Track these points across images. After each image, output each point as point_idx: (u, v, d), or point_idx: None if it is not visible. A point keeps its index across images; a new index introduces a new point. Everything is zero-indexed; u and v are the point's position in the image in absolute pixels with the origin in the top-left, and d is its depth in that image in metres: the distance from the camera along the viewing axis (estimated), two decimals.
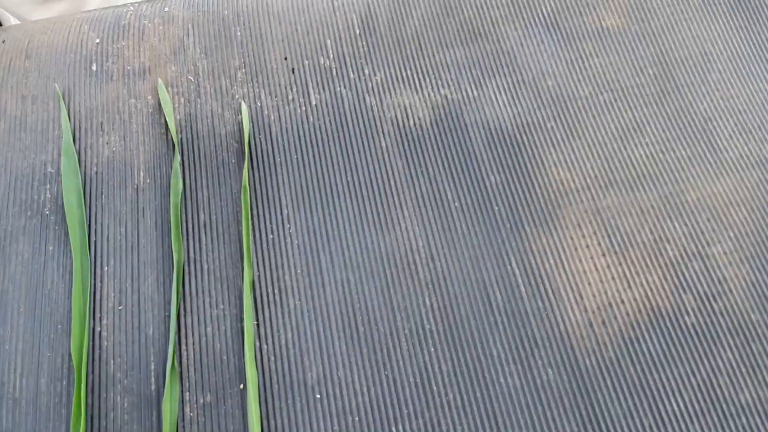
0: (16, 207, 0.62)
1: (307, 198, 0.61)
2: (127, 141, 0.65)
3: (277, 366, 0.54)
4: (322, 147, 0.64)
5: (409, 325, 0.55)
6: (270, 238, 0.59)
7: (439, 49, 0.69)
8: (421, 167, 0.62)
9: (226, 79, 0.68)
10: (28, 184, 0.63)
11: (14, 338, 0.56)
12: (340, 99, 0.67)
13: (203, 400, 0.53)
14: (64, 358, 0.55)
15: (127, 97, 0.68)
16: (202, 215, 0.61)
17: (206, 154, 0.64)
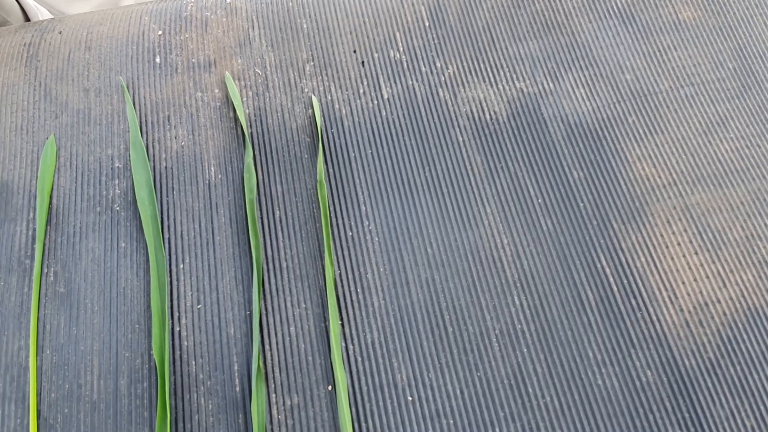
0: (84, 202, 0.60)
1: (385, 194, 0.59)
2: (195, 135, 0.63)
3: (364, 367, 0.52)
4: (397, 141, 0.62)
5: (500, 325, 0.53)
6: (349, 235, 0.57)
7: (511, 41, 0.67)
8: (500, 162, 0.60)
9: (295, 72, 0.66)
10: (96, 179, 0.61)
11: (89, 338, 0.53)
12: (413, 93, 0.65)
13: (290, 402, 0.50)
14: (144, 359, 0.52)
15: (194, 91, 0.65)
16: (277, 211, 0.59)
17: (278, 149, 0.62)
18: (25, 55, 0.68)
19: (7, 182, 0.61)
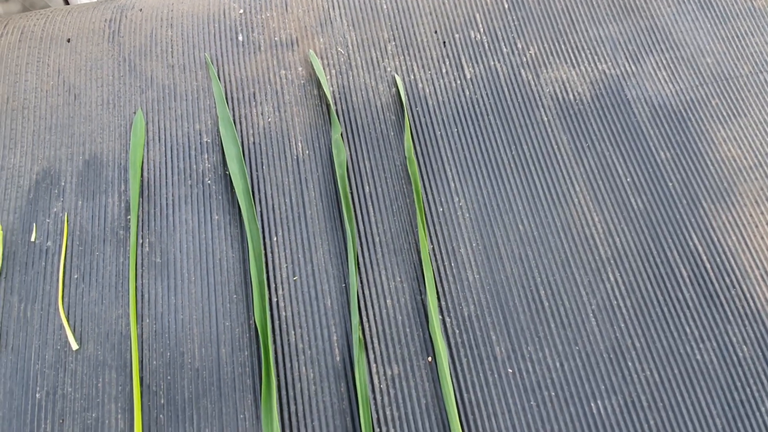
0: (175, 176, 0.60)
1: (473, 171, 0.59)
2: (281, 112, 0.63)
3: (462, 340, 0.51)
4: (482, 121, 0.62)
5: (596, 300, 0.53)
6: (440, 211, 0.57)
7: (591, 24, 0.67)
8: (587, 142, 0.60)
9: (377, 52, 0.66)
10: (185, 153, 0.61)
11: (187, 307, 0.53)
12: (495, 73, 0.64)
13: (391, 372, 0.50)
14: (243, 328, 0.52)
15: (277, 68, 0.65)
16: (367, 187, 0.58)
17: (364, 126, 0.62)
18: (107, 31, 0.68)
19: (96, 155, 0.61)
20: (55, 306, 0.54)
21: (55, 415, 0.49)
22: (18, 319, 0.53)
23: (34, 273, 0.55)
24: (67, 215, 0.58)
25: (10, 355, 0.52)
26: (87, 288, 0.54)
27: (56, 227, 0.57)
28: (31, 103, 0.64)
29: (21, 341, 0.52)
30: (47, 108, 0.64)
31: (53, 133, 0.62)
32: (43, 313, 0.53)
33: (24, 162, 0.61)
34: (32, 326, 0.53)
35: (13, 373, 0.51)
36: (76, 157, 0.61)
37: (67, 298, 0.54)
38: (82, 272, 0.55)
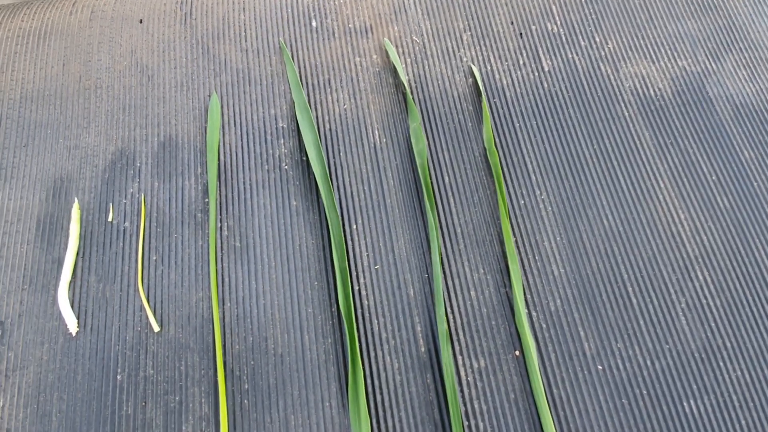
0: (252, 160, 0.58)
1: (554, 164, 0.57)
2: (357, 99, 0.61)
3: (550, 335, 0.50)
4: (561, 114, 0.60)
5: (684, 299, 0.51)
6: (522, 203, 0.55)
7: (669, 20, 0.65)
8: (669, 138, 0.58)
9: (452, 42, 0.64)
10: (261, 138, 0.59)
11: (269, 292, 0.52)
12: (574, 66, 0.62)
13: (478, 365, 0.49)
14: (326, 315, 0.51)
15: (352, 56, 0.64)
16: (446, 177, 0.57)
17: (441, 116, 0.60)
18: (179, 12, 0.67)
19: (171, 137, 0.59)
20: (134, 287, 0.52)
21: (137, 398, 0.48)
22: (96, 300, 0.52)
23: (112, 253, 0.54)
24: (143, 196, 0.56)
25: (90, 335, 0.50)
26: (166, 270, 0.53)
27: (133, 208, 0.56)
28: (105, 82, 0.63)
29: (100, 322, 0.51)
30: (121, 88, 0.62)
31: (127, 113, 0.61)
32: (123, 294, 0.52)
33: (99, 142, 0.59)
34: (111, 307, 0.52)
35: (92, 353, 0.50)
36: (151, 138, 0.59)
37: (146, 280, 0.53)
38: (160, 254, 0.54)
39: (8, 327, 0.51)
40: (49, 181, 0.57)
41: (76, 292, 0.52)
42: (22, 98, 0.62)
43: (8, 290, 0.52)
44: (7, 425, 0.47)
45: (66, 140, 0.59)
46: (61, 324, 0.51)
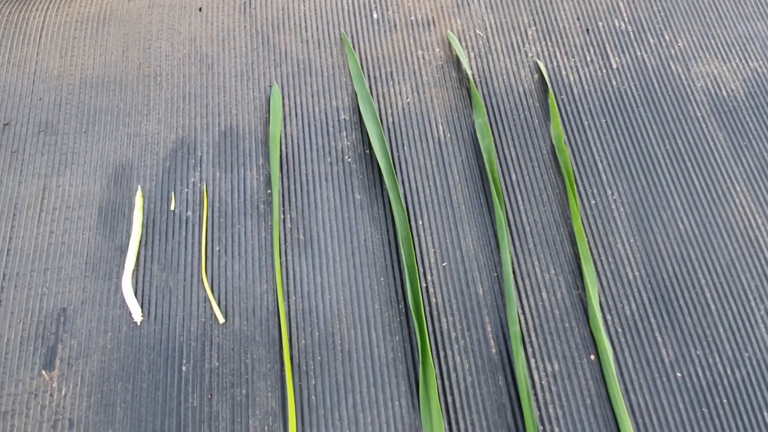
0: (314, 152, 0.57)
1: (625, 164, 0.55)
2: (420, 93, 0.59)
3: (626, 339, 0.48)
4: (631, 112, 0.58)
5: (764, 305, 0.49)
6: (593, 203, 0.53)
7: (739, 20, 0.63)
8: (744, 140, 0.56)
9: (517, 36, 0.62)
10: (323, 130, 0.58)
11: (334, 287, 0.50)
12: (643, 64, 0.60)
13: (551, 368, 0.47)
14: (393, 312, 0.49)
15: (414, 48, 0.62)
16: (513, 175, 0.55)
17: (507, 112, 0.58)
18: (238, 1, 0.65)
19: (232, 126, 0.58)
20: (197, 277, 0.51)
21: (203, 390, 0.47)
22: (160, 289, 0.51)
23: (175, 242, 0.53)
24: (205, 186, 0.55)
25: (153, 325, 0.49)
26: (230, 261, 0.52)
27: (195, 197, 0.55)
28: (164, 70, 0.61)
29: (164, 311, 0.50)
30: (180, 76, 0.61)
31: (187, 102, 0.59)
32: (186, 284, 0.51)
33: (159, 129, 0.58)
34: (175, 297, 0.50)
35: (157, 344, 0.48)
36: (211, 127, 0.58)
37: (209, 270, 0.51)
38: (223, 244, 0.52)
39: (71, 314, 0.50)
40: (110, 168, 0.56)
41: (139, 280, 0.51)
42: (82, 84, 0.61)
43: (70, 277, 0.51)
44: (70, 414, 0.46)
45: (126, 127, 0.58)
46: (124, 312, 0.50)
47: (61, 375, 0.47)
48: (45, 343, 0.49)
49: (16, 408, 0.46)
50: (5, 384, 0.47)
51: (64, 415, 0.46)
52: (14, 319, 0.49)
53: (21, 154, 0.57)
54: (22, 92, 0.60)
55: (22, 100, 0.60)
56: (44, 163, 0.56)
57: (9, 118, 0.59)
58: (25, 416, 0.46)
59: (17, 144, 0.57)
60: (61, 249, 0.52)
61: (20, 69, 0.61)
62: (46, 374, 0.47)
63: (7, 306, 0.50)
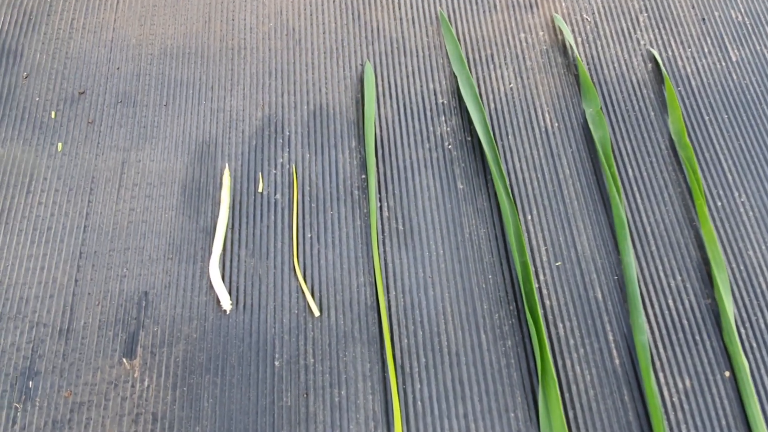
0: (411, 137, 0.52)
1: (752, 164, 0.50)
2: (524, 78, 0.55)
3: (762, 355, 0.43)
4: (755, 109, 0.53)
5: None
6: (719, 205, 0.48)
7: None
8: None
9: (627, 22, 0.57)
10: (420, 113, 0.53)
11: (438, 283, 0.46)
12: (764, 59, 0.55)
13: (683, 385, 0.42)
14: (504, 313, 0.44)
15: (516, 31, 0.57)
16: (630, 170, 0.50)
17: (619, 103, 0.53)
18: None
19: (322, 106, 0.53)
20: (289, 265, 0.47)
21: (298, 388, 0.42)
22: (249, 276, 0.46)
23: (263, 227, 0.48)
24: (294, 167, 0.51)
25: (243, 314, 0.45)
26: (323, 249, 0.47)
27: (284, 179, 0.50)
28: (249, 43, 0.57)
29: (254, 300, 0.45)
30: (266, 51, 0.56)
31: (274, 77, 0.55)
32: (276, 272, 0.46)
33: (244, 106, 0.54)
34: (265, 285, 0.46)
35: (247, 335, 0.44)
36: (300, 106, 0.54)
37: (301, 258, 0.47)
38: (316, 231, 0.48)
39: (152, 298, 0.45)
40: (192, 144, 0.52)
41: (226, 266, 0.47)
42: (161, 54, 0.56)
43: (152, 258, 0.47)
44: (153, 408, 0.42)
45: (209, 102, 0.54)
46: (211, 299, 0.45)
47: (143, 364, 0.43)
48: (125, 328, 0.44)
49: (93, 399, 0.42)
50: (81, 371, 0.43)
51: (147, 408, 0.42)
52: (92, 301, 0.45)
53: (97, 125, 0.53)
54: (98, 60, 0.56)
55: (98, 69, 0.55)
56: (122, 135, 0.52)
57: (85, 86, 0.55)
58: (104, 408, 0.42)
59: (93, 114, 0.53)
60: (142, 228, 0.48)
61: (97, 36, 0.57)
62: (127, 363, 0.43)
63: (84, 286, 0.46)
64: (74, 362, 0.43)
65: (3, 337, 0.44)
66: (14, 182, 0.50)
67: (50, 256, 0.47)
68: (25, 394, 0.42)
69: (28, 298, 0.45)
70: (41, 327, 0.44)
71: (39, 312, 0.45)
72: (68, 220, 0.48)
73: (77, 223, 0.48)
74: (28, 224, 0.48)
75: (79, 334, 0.44)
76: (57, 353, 0.43)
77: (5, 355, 0.43)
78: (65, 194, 0.49)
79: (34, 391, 0.42)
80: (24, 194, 0.49)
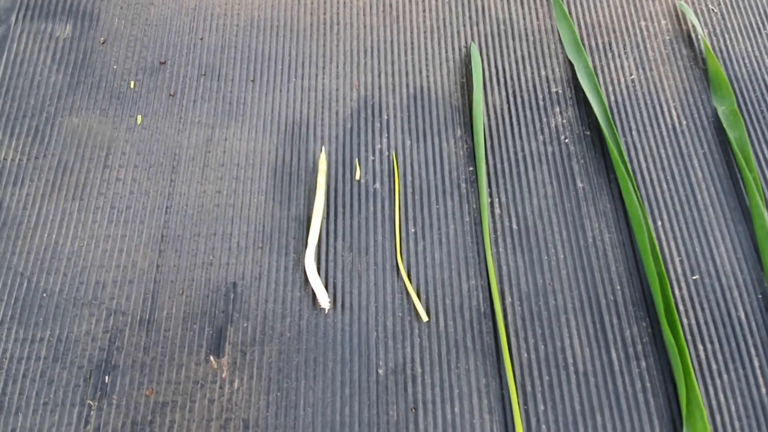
0: (522, 127, 0.47)
1: None
2: (646, 70, 0.49)
3: None
4: None
5: None
6: None
7: None
8: None
9: (756, 16, 0.51)
10: (532, 102, 0.48)
11: (560, 291, 0.40)
12: None
13: None
14: (635, 330, 0.39)
15: (636, 18, 0.52)
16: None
17: (753, 102, 0.47)
18: None
19: (423, 89, 0.48)
20: (391, 262, 0.42)
21: (405, 401, 0.37)
22: (347, 272, 0.41)
23: (362, 218, 0.43)
24: (395, 155, 0.46)
25: (341, 314, 0.40)
26: (428, 247, 0.42)
27: (382, 167, 0.45)
28: (343, 18, 0.52)
29: (353, 299, 0.40)
30: (361, 27, 0.52)
31: (369, 56, 0.50)
32: (377, 269, 0.41)
33: (338, 85, 0.49)
34: (365, 283, 0.41)
35: (346, 338, 0.39)
36: (399, 88, 0.49)
37: (405, 256, 0.42)
38: (420, 226, 0.43)
39: (241, 290, 0.41)
40: (282, 124, 0.47)
41: (321, 259, 0.42)
42: (248, 25, 0.52)
43: (240, 246, 0.42)
44: (244, 414, 0.37)
45: (299, 79, 0.49)
46: (305, 295, 0.41)
47: (232, 363, 0.38)
48: (212, 322, 0.40)
49: (177, 399, 0.37)
50: (164, 368, 0.38)
51: (237, 413, 0.37)
52: (175, 290, 0.41)
53: (179, 98, 0.48)
54: (180, 29, 0.51)
55: (180, 38, 0.51)
56: (206, 111, 0.48)
57: (165, 56, 0.50)
58: (189, 410, 0.37)
59: (175, 87, 0.49)
60: (229, 212, 0.43)
61: (178, 3, 0.53)
62: (214, 361, 0.39)
63: (166, 273, 0.41)
64: (156, 357, 0.39)
65: (77, 324, 0.40)
66: (90, 155, 0.46)
67: (129, 238, 0.42)
68: (100, 390, 0.38)
69: (105, 282, 0.41)
70: (119, 315, 0.40)
71: (117, 299, 0.40)
72: (149, 199, 0.44)
73: (159, 204, 0.44)
74: (105, 202, 0.44)
75: (161, 326, 0.40)
76: (137, 346, 0.39)
77: (79, 345, 0.39)
78: (145, 171, 0.45)
79: (111, 387, 0.38)
80: (101, 169, 0.45)
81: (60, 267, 0.41)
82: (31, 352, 0.39)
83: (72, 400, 0.37)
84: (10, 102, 0.48)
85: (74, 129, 0.47)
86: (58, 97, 0.48)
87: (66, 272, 0.41)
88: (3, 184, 0.44)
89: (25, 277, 0.41)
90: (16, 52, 0.50)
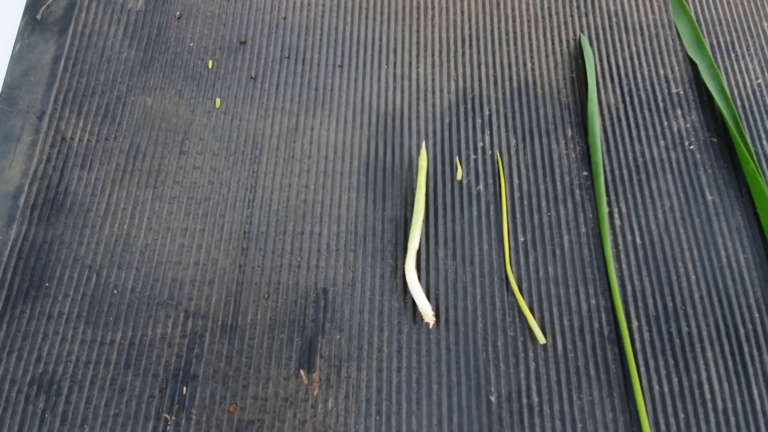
0: (642, 130, 0.42)
1: None
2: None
3: None
4: None
5: None
6: None
7: None
8: None
9: None
10: (651, 103, 0.43)
11: (695, 320, 0.35)
12: None
13: None
14: None
15: (759, 18, 0.47)
16: None
17: None
18: None
19: (527, 83, 0.44)
20: (500, 275, 0.37)
21: None
22: (450, 283, 0.37)
23: (464, 223, 0.39)
24: (499, 155, 0.41)
25: (445, 330, 0.35)
26: (540, 258, 0.38)
27: (486, 168, 0.41)
28: (438, 3, 0.47)
29: (458, 314, 0.36)
30: (458, 13, 0.47)
31: (468, 45, 0.45)
32: (484, 281, 0.37)
33: (434, 75, 0.44)
34: (472, 296, 0.36)
35: (452, 357, 0.35)
36: (501, 81, 0.44)
37: (514, 267, 0.37)
38: (530, 235, 0.38)
39: (333, 297, 0.36)
40: (374, 115, 0.43)
41: (421, 267, 0.37)
42: (335, 6, 0.47)
43: (330, 248, 0.38)
44: None
45: (392, 67, 0.45)
46: (405, 307, 0.36)
47: (325, 380, 0.34)
48: (301, 332, 0.35)
49: (264, 418, 0.33)
50: (249, 381, 0.34)
51: None
52: (260, 293, 0.36)
53: (261, 81, 0.44)
54: (262, 7, 0.47)
55: (261, 17, 0.47)
56: (290, 97, 0.43)
57: (246, 35, 0.46)
58: (277, 430, 0.33)
59: (256, 69, 0.44)
60: (318, 210, 0.39)
61: None
62: (305, 376, 0.34)
63: (250, 274, 0.37)
64: (239, 368, 0.34)
65: (151, 327, 0.35)
66: (164, 139, 0.41)
67: (209, 233, 0.38)
68: (178, 402, 0.34)
69: (183, 281, 0.37)
70: (198, 319, 0.36)
71: (196, 300, 0.36)
72: (230, 191, 0.40)
73: (241, 196, 0.39)
74: (182, 191, 0.40)
75: (245, 333, 0.35)
76: (218, 354, 0.35)
77: (153, 351, 0.35)
78: (225, 159, 0.41)
79: (190, 400, 0.34)
80: (176, 155, 0.41)
81: (132, 261, 0.37)
82: (100, 355, 0.35)
83: (146, 412, 0.33)
84: (78, 77, 0.44)
85: (147, 110, 0.42)
86: (130, 74, 0.44)
87: (139, 267, 0.37)
88: (70, 166, 0.40)
89: (93, 271, 0.37)
90: (84, 23, 0.46)
